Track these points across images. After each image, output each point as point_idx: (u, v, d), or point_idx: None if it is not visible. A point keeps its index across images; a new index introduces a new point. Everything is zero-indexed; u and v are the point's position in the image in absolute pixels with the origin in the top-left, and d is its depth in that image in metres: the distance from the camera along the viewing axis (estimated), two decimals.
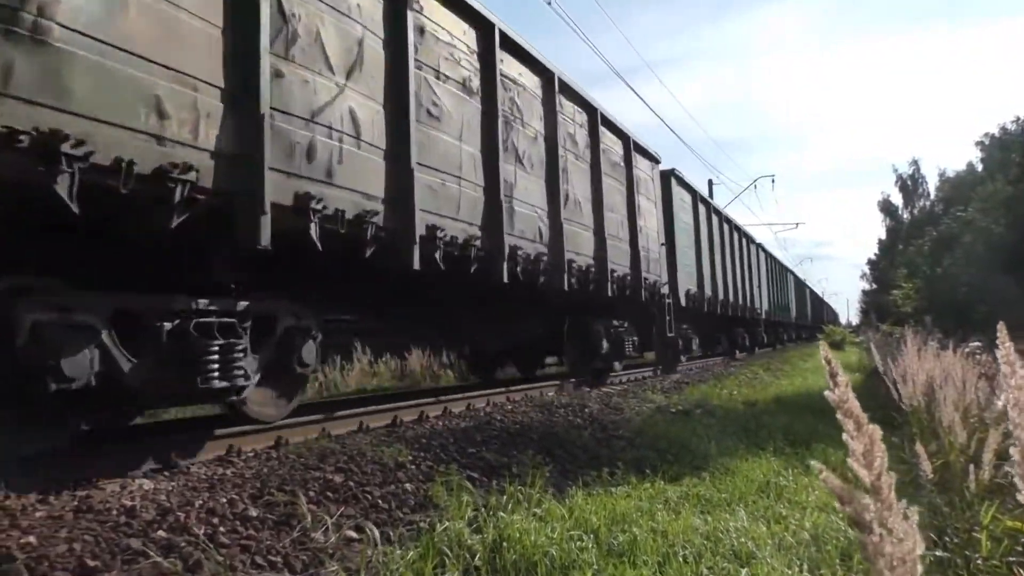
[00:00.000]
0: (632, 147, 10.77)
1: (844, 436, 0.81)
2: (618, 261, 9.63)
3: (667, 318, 11.87)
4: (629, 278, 10.04)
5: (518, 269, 6.78)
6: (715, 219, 17.40)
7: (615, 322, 10.24)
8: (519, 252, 6.87)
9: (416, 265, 5.22)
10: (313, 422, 5.14)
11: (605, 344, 9.71)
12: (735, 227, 19.93)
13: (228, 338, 4.02)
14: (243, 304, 4.22)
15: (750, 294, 20.68)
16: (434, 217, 5.60)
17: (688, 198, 15.21)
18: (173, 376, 3.80)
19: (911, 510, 0.72)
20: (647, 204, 11.40)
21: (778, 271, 29.61)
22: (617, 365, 10.64)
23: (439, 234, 5.59)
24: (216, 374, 3.89)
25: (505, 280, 6.54)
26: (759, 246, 24.21)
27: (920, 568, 0.68)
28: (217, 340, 3.93)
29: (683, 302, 13.49)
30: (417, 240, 5.22)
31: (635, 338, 10.83)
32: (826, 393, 0.85)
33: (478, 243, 6.24)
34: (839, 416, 0.82)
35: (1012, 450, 1.25)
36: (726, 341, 19.59)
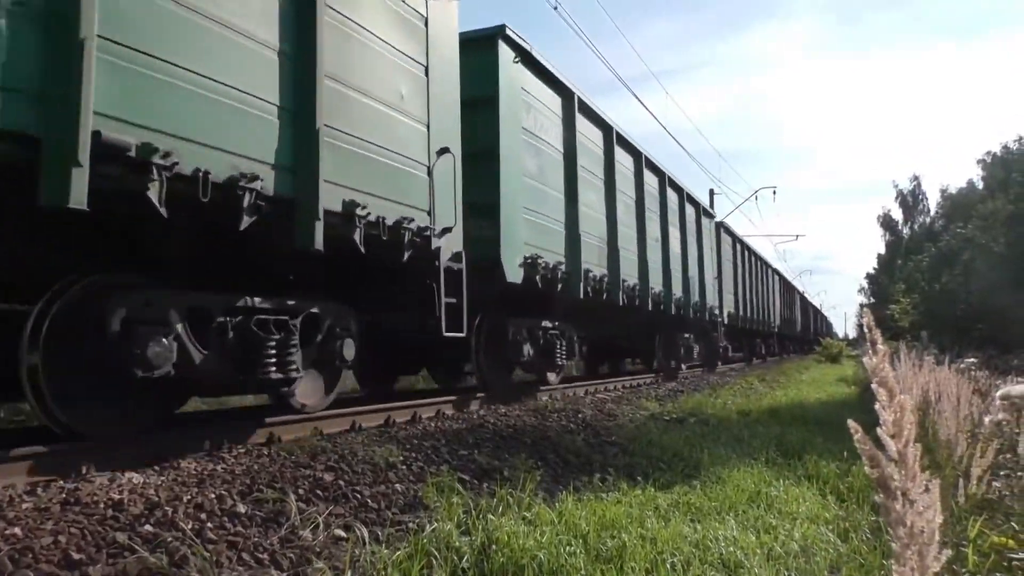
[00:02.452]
0: (702, 212, 16.29)
1: (876, 405, 0.80)
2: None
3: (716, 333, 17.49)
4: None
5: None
6: (746, 253, 23.01)
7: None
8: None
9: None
10: (305, 420, 5.13)
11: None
12: (759, 257, 25.85)
13: None
14: None
15: (766, 310, 26.06)
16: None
17: (730, 240, 20.56)
18: None
19: (933, 482, 0.72)
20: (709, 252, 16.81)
21: (786, 288, 34.97)
22: None
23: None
24: None
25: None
26: (775, 270, 30.33)
27: (937, 539, 0.68)
28: None
29: (725, 320, 18.19)
30: None
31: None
32: (863, 359, 0.83)
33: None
34: (874, 385, 0.80)
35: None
36: (747, 350, 24.65)
